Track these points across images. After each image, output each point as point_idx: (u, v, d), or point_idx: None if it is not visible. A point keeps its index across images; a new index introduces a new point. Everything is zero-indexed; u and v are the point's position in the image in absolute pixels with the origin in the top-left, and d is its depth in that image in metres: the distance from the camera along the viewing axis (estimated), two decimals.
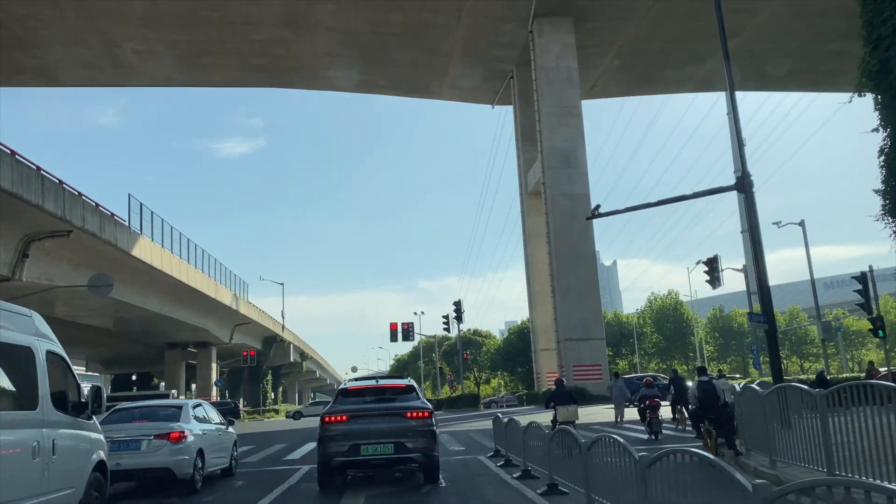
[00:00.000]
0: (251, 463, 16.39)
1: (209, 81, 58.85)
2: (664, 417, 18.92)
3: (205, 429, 12.25)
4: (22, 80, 54.36)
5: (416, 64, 53.25)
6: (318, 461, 11.10)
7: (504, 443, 13.61)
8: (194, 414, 12.27)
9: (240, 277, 59.56)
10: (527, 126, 52.67)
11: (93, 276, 28.92)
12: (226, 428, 13.68)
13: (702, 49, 52.83)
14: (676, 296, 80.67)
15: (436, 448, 11.06)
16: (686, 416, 19.87)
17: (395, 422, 10.75)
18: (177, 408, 12.12)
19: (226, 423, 13.84)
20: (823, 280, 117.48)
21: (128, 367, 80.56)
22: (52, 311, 44.06)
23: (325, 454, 10.77)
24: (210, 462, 12.12)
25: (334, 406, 11.39)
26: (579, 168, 46.23)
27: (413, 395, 11.55)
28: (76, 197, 28.02)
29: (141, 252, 35.02)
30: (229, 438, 13.76)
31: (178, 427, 11.23)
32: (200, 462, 11.50)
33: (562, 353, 44.80)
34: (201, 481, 11.59)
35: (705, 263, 31.54)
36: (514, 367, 78.07)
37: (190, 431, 11.42)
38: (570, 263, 44.63)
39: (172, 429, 11.13)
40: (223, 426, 13.53)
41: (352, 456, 10.61)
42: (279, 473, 13.75)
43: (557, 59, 47.23)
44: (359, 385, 12.28)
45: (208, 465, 12.03)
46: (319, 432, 10.92)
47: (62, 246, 29.59)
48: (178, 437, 11.00)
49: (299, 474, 13.32)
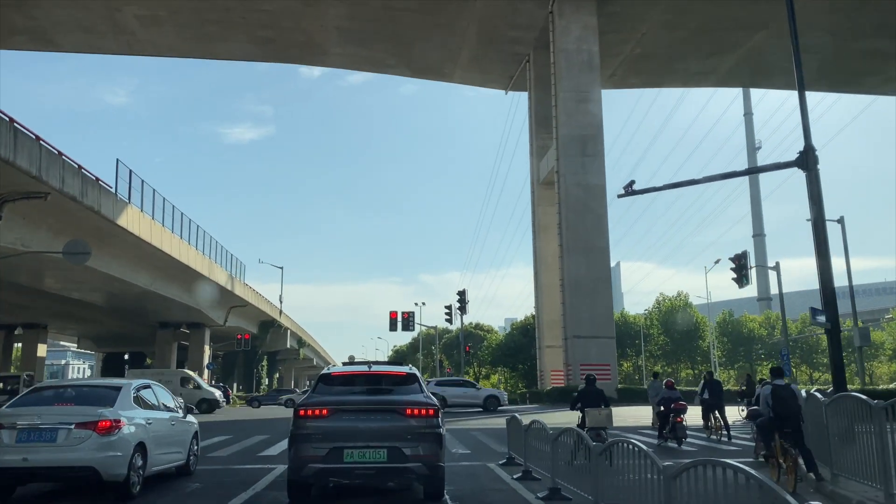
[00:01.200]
0: (219, 458, 14.09)
1: (214, 53, 56.52)
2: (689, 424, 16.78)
3: (151, 417, 9.78)
4: (18, 43, 52.22)
5: (429, 43, 50.97)
6: (288, 466, 8.78)
7: (523, 451, 11.10)
8: (137, 397, 9.77)
9: (237, 258, 57.53)
10: (541, 113, 50.38)
11: (68, 242, 26.77)
12: (182, 416, 11.21)
13: (728, 40, 50.58)
14: (686, 297, 78.39)
15: (441, 456, 8.73)
16: (723, 423, 17.72)
17: (390, 420, 8.48)
18: (113, 389, 9.56)
19: (184, 410, 11.43)
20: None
21: (120, 345, 78.74)
22: (42, 284, 42.15)
23: (297, 458, 8.47)
24: (157, 459, 9.79)
25: (313, 396, 9.01)
26: (596, 157, 43.95)
27: (415, 386, 9.27)
28: (55, 156, 25.84)
29: (128, 222, 32.85)
30: (187, 429, 11.30)
31: (109, 414, 8.69)
32: (141, 460, 9.13)
33: (568, 350, 42.64)
34: (140, 484, 9.16)
35: (733, 260, 29.42)
36: (516, 364, 76.08)
37: (128, 420, 8.99)
38: (582, 257, 42.44)
39: (102, 416, 8.59)
40: (179, 414, 11.15)
41: (332, 462, 8.29)
42: (248, 474, 11.48)
43: (578, 42, 44.95)
44: (346, 371, 9.85)
45: (154, 462, 9.63)
46: (292, 429, 8.60)
47: (40, 210, 27.43)
48: (107, 427, 8.51)
49: (270, 477, 11.04)
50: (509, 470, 11.70)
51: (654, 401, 20.01)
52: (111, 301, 49.88)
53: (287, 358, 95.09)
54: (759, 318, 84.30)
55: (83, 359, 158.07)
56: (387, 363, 10.45)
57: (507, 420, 12.77)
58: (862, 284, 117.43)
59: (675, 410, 15.92)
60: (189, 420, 11.51)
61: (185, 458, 11.02)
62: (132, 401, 9.49)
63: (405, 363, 10.98)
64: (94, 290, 44.61)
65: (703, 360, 74.80)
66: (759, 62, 54.01)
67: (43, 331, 62.91)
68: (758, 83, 66.44)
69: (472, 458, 13.84)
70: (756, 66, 55.18)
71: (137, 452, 8.98)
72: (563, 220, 43.55)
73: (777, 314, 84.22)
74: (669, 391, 16.75)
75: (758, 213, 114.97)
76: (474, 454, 14.47)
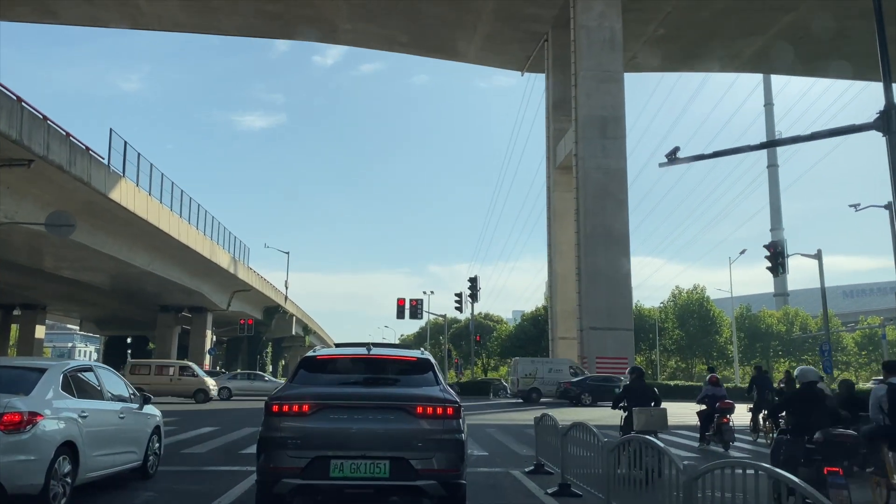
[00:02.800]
0: (194, 456, 11.94)
1: (220, 28, 54.54)
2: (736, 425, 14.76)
3: (88, 408, 7.60)
4: (20, 14, 50.47)
5: (443, 20, 48.83)
6: (256, 479, 6.60)
7: (558, 458, 8.89)
8: (69, 383, 7.53)
9: (241, 241, 55.53)
10: (559, 94, 48.24)
11: (51, 213, 24.87)
12: (138, 407, 9.08)
13: (756, 22, 48.25)
14: (703, 291, 76.16)
15: (463, 471, 6.53)
16: (773, 424, 15.68)
17: (395, 421, 6.33)
18: (34, 371, 7.34)
19: (140, 399, 9.24)
20: (842, 289, 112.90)
21: (122, 328, 77.35)
22: (40, 262, 40.50)
23: (267, 471, 6.34)
24: (95, 462, 7.67)
25: (291, 387, 6.81)
26: (616, 139, 41.78)
27: (428, 376, 7.03)
28: (39, 120, 23.94)
29: (121, 196, 30.95)
30: (143, 424, 9.16)
31: (21, 405, 6.55)
32: (68, 464, 7.01)
33: (584, 342, 40.65)
34: (66, 496, 7.00)
35: (767, 248, 27.27)
36: (525, 356, 74.09)
37: (52, 413, 6.89)
38: (601, 244, 40.37)
39: (9, 408, 6.44)
40: (133, 405, 9.05)
41: (314, 478, 6.18)
42: (219, 479, 9.39)
43: (600, 19, 42.74)
44: (337, 353, 7.42)
45: (91, 467, 7.56)
46: (261, 430, 6.47)
47: (25, 179, 25.57)
48: (16, 421, 6.39)
49: (244, 485, 8.85)
50: (539, 481, 9.57)
51: None
52: (110, 282, 48.22)
53: (292, 345, 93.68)
54: (778, 313, 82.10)
55: (89, 342, 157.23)
56: (392, 345, 8.30)
57: (536, 419, 10.57)
58: (864, 284, 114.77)
59: (721, 410, 13.90)
60: (147, 412, 9.35)
61: (140, 458, 8.91)
62: (60, 387, 7.35)
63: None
64: (90, 270, 42.84)
65: (718, 355, 72.63)
66: (787, 47, 51.67)
67: (42, 312, 61.45)
68: (784, 69, 63.91)
69: (490, 462, 11.68)
70: (784, 50, 52.83)
71: (63, 455, 6.90)
72: (581, 205, 41.45)
73: (795, 310, 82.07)
74: (714, 388, 14.75)
75: (776, 206, 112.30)
76: (493, 457, 12.34)
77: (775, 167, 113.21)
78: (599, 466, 7.31)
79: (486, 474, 10.27)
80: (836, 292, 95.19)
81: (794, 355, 76.32)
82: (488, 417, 23.64)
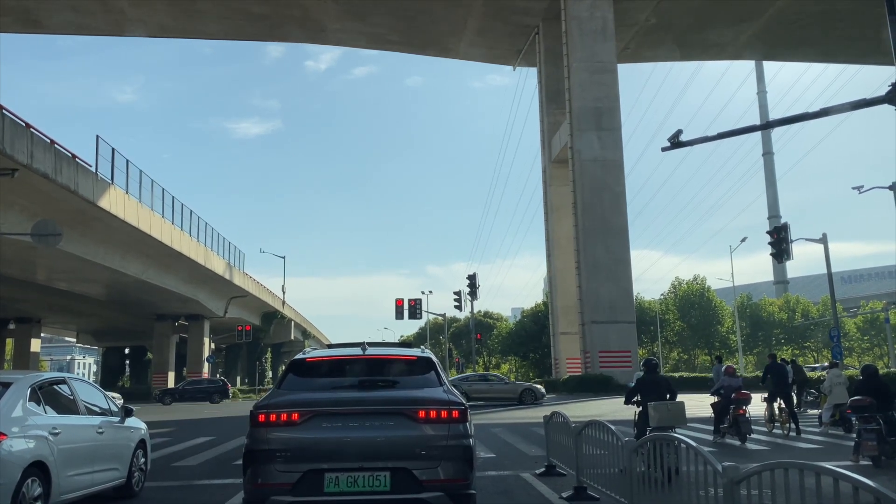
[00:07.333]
0: (185, 470, 11.30)
1: (207, 32, 53.93)
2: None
3: (61, 424, 7.00)
4: (4, 24, 49.80)
5: (432, 16, 48.27)
6: (243, 498, 5.95)
7: (573, 459, 8.19)
8: (39, 397, 6.92)
9: (236, 246, 54.96)
10: (552, 87, 47.68)
11: (36, 223, 24.25)
12: (119, 420, 8.50)
13: (747, 8, 47.77)
14: (703, 281, 75.68)
15: (472, 480, 5.88)
16: (789, 414, 15.18)
17: (395, 427, 5.73)
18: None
19: (122, 412, 8.68)
20: (840, 274, 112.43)
21: (120, 339, 76.56)
22: (33, 275, 39.92)
23: (254, 487, 5.74)
24: (71, 483, 7.02)
25: (278, 394, 6.21)
26: (612, 131, 41.28)
27: (430, 376, 6.43)
28: (22, 128, 23.36)
29: (111, 204, 30.35)
30: (126, 438, 8.56)
31: None
32: (38, 486, 6.36)
33: (586, 336, 40.13)
34: None
35: (771, 234, 26.73)
36: (527, 353, 73.80)
37: (18, 431, 6.28)
38: (600, 237, 39.88)
39: None
40: (114, 418, 8.31)
41: (306, 494, 5.58)
42: (208, 496, 8.77)
43: (591, 9, 42.27)
44: (329, 355, 6.74)
45: (66, 488, 6.91)
46: (247, 442, 5.85)
47: (9, 189, 24.95)
48: None
49: (234, 502, 8.16)
50: (552, 483, 8.96)
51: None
52: (105, 292, 47.64)
53: (292, 350, 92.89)
54: (779, 301, 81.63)
55: (88, 354, 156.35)
56: (389, 344, 7.69)
57: (546, 418, 9.92)
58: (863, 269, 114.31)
59: (737, 401, 13.35)
60: (130, 425, 8.73)
61: (124, 475, 8.29)
62: (27, 402, 6.72)
63: None
64: (84, 281, 42.23)
65: (721, 345, 72.13)
66: (778, 32, 51.25)
67: (37, 325, 60.73)
68: (776, 55, 63.46)
69: (499, 464, 11.04)
70: (775, 36, 52.42)
71: (32, 477, 6.28)
72: (579, 198, 40.94)
73: (796, 297, 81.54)
74: (730, 378, 14.20)
75: (773, 194, 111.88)
76: (501, 459, 11.71)
77: (770, 155, 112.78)
78: (618, 467, 6.72)
79: (494, 478, 9.64)
80: (835, 278, 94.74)
81: (797, 343, 75.84)
82: (493, 416, 23.05)
